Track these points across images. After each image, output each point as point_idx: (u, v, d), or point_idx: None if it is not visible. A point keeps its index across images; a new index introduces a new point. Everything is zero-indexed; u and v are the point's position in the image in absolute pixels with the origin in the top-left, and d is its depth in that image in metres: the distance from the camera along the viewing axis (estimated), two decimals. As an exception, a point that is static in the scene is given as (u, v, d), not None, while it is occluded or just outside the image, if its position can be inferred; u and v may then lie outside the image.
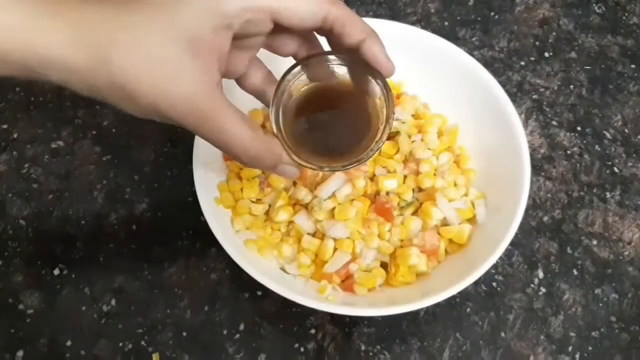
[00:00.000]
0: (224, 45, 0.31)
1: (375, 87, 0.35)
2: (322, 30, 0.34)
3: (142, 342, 0.45)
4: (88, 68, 0.29)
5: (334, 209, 0.45)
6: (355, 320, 0.46)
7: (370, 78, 0.35)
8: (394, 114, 0.35)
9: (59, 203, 0.51)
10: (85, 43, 0.28)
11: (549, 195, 0.52)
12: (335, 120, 0.37)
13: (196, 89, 0.30)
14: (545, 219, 0.51)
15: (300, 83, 0.36)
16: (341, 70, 0.36)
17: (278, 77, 0.35)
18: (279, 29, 0.33)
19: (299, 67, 0.35)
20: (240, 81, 0.37)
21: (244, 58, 0.35)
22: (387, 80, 0.35)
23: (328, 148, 0.37)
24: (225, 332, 0.45)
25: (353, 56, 0.34)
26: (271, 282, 0.40)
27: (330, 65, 0.36)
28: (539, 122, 0.56)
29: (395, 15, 0.62)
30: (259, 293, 0.46)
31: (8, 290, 0.47)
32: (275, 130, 0.35)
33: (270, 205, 0.46)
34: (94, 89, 0.30)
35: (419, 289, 0.43)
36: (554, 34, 0.61)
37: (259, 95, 0.38)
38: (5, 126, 0.55)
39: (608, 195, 0.52)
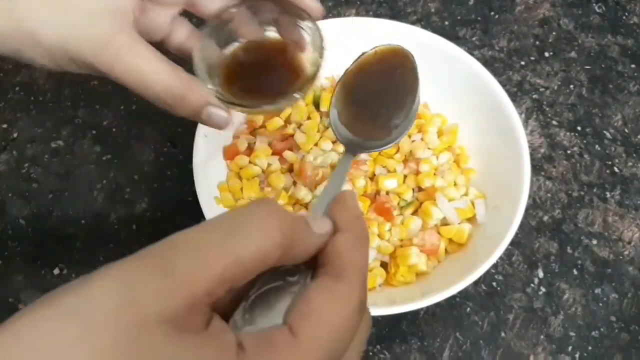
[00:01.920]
0: None
1: (305, 34, 0.35)
2: None
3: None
4: None
5: (334, 208, 0.45)
6: (355, 320, 0.45)
7: (299, 23, 0.34)
8: (324, 48, 0.34)
9: (59, 203, 0.51)
10: None
11: (549, 194, 0.52)
12: (266, 70, 0.36)
13: (107, 24, 0.28)
14: (545, 218, 0.51)
15: (234, 32, 0.35)
16: (271, 17, 0.35)
17: None
18: None
19: (240, 7, 0.34)
20: (165, 42, 0.36)
21: (165, 14, 0.34)
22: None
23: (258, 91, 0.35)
24: (225, 331, 0.45)
25: (281, 3, 0.34)
26: (271, 282, 0.40)
27: (261, 12, 0.35)
28: (539, 121, 0.56)
29: (395, 14, 0.62)
30: (259, 293, 0.46)
31: (8, 290, 0.47)
32: (196, 60, 0.32)
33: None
34: (6, 42, 0.29)
35: (419, 288, 0.43)
36: (554, 33, 0.61)
37: (186, 53, 0.36)
38: (5, 126, 0.55)
39: (608, 195, 0.52)
